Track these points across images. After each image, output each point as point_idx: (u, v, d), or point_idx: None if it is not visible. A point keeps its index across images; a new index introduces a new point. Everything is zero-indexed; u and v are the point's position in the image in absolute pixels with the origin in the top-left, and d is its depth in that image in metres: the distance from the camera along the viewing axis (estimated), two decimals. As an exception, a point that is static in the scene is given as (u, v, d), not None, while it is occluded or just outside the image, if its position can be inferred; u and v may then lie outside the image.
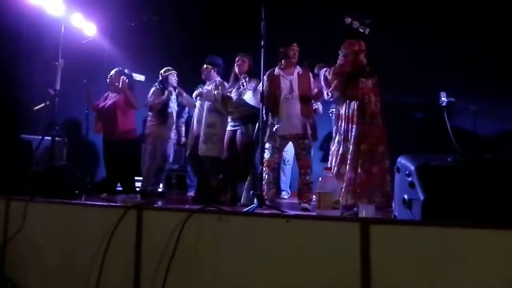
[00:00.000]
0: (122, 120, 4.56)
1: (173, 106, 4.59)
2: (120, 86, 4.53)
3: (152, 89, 4.61)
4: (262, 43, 3.14)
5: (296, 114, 3.63)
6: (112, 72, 4.70)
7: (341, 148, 3.11)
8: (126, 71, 4.73)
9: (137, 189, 4.79)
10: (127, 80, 4.66)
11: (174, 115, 4.60)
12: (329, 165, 3.11)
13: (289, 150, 5.29)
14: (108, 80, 4.70)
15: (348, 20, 3.21)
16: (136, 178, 4.96)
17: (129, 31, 4.93)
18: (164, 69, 4.67)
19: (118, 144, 4.58)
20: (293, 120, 3.63)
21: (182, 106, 4.84)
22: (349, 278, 1.60)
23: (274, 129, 3.62)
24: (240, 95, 3.87)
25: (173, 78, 4.64)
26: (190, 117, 4.80)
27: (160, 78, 4.64)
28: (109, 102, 4.66)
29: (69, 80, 4.47)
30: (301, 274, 1.72)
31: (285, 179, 5.41)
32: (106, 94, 4.79)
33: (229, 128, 4.06)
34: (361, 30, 3.15)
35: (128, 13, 4.97)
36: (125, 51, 5.50)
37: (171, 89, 4.59)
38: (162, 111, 4.52)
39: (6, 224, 2.75)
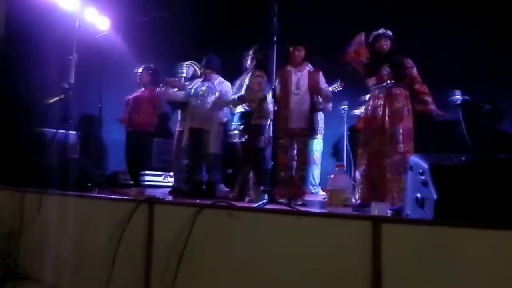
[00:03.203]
0: (143, 113, 4.55)
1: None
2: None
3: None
4: (274, 39, 3.12)
5: (302, 110, 3.65)
6: (140, 69, 4.69)
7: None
8: (152, 66, 4.71)
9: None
10: (152, 75, 4.66)
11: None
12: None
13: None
14: (137, 78, 4.68)
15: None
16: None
17: (143, 26, 4.95)
18: None
19: (137, 135, 4.55)
20: (299, 116, 3.64)
21: None
22: (360, 276, 1.60)
23: (283, 125, 3.63)
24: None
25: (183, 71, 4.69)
26: None
27: None
28: (134, 95, 4.64)
29: (83, 74, 4.50)
30: (312, 271, 1.72)
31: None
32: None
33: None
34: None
35: (142, 8, 4.99)
36: (138, 46, 5.52)
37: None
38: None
39: (21, 215, 2.80)
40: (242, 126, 3.91)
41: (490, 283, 1.41)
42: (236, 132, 3.95)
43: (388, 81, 3.19)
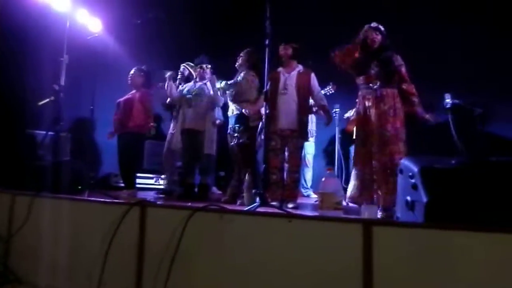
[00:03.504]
0: (134, 115, 4.53)
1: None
2: None
3: None
4: (266, 42, 3.13)
5: (290, 111, 3.64)
6: (132, 71, 4.69)
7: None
8: (144, 68, 4.70)
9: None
10: (144, 77, 4.66)
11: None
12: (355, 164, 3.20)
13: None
14: (129, 80, 4.67)
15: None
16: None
17: (135, 27, 4.94)
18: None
19: (126, 137, 4.55)
20: (287, 116, 3.64)
21: None
22: (351, 278, 1.61)
23: (272, 126, 3.64)
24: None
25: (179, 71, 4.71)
26: None
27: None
28: (125, 97, 4.64)
29: (74, 76, 4.48)
30: (303, 274, 1.72)
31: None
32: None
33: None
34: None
35: (134, 10, 4.99)
36: (131, 47, 5.52)
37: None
38: None
39: (11, 218, 2.77)
40: (241, 128, 3.90)
41: (481, 285, 1.43)
42: (236, 134, 3.93)
43: (375, 83, 3.15)
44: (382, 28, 3.29)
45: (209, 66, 4.44)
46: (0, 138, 4.01)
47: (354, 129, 5.06)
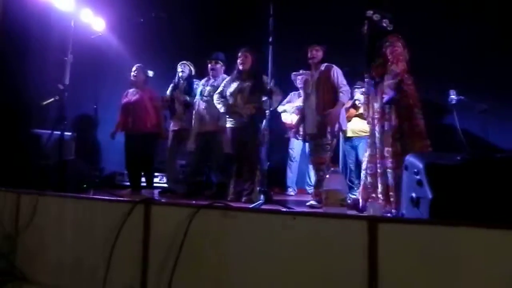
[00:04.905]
0: (149, 115, 4.53)
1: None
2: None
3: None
4: (270, 39, 3.13)
5: (311, 114, 3.63)
6: (134, 69, 4.69)
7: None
8: (142, 66, 4.72)
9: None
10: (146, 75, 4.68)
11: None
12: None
13: (296, 148, 5.30)
14: (132, 78, 4.68)
15: (370, 12, 3.03)
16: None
17: (138, 26, 4.95)
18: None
19: (144, 138, 4.55)
20: (310, 118, 3.64)
21: None
22: (356, 276, 1.61)
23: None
24: (244, 91, 3.91)
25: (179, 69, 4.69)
26: None
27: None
28: (134, 97, 4.64)
29: (78, 75, 4.49)
30: (308, 271, 1.72)
31: (292, 176, 5.41)
32: (126, 92, 4.77)
33: (229, 125, 4.03)
34: (384, 25, 2.99)
35: (137, 9, 5.00)
36: (134, 46, 5.53)
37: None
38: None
39: (17, 217, 2.79)
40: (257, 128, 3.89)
41: (486, 282, 1.42)
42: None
43: (372, 77, 2.95)
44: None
45: (220, 62, 4.39)
46: (5, 137, 4.04)
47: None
